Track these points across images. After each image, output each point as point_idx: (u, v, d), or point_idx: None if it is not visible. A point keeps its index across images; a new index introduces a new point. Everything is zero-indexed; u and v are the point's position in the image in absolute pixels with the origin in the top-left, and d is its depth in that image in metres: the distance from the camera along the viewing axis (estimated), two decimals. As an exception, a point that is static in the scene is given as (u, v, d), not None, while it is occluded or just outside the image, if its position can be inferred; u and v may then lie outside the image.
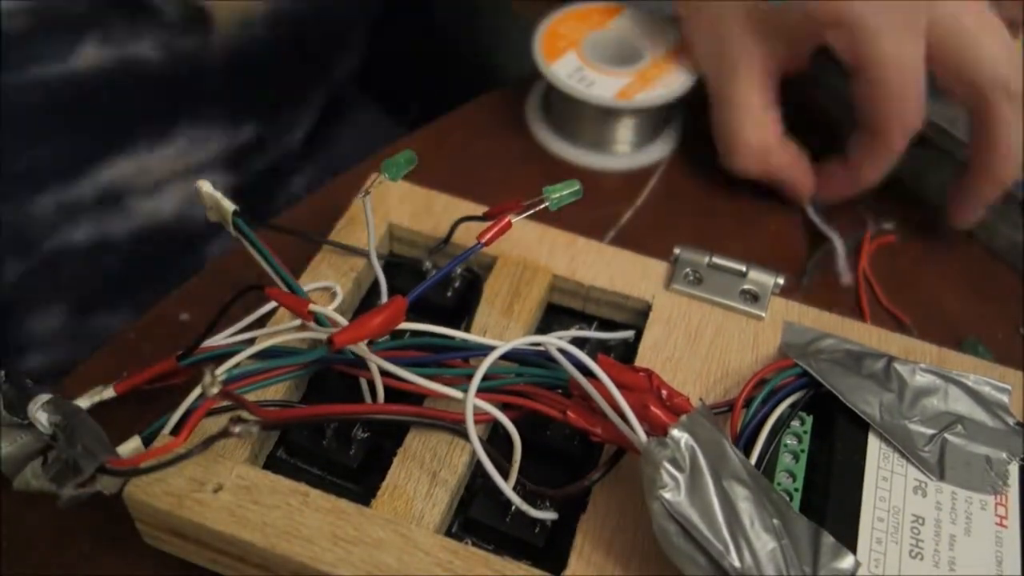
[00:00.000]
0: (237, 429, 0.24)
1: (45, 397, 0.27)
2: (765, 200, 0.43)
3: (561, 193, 0.30)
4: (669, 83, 0.43)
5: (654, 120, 0.45)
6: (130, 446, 0.27)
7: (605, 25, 0.45)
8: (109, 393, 0.30)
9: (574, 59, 0.43)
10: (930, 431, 0.28)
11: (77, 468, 0.25)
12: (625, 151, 0.45)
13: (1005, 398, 0.29)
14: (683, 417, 0.25)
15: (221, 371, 0.28)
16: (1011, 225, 0.41)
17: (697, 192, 0.44)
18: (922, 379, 0.29)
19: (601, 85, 0.42)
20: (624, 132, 0.44)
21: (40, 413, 0.27)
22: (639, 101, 0.42)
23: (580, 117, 0.44)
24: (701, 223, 0.42)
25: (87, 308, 0.50)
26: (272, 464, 0.29)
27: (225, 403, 0.28)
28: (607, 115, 0.43)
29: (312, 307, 0.29)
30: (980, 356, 0.33)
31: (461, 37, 0.70)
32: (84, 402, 0.29)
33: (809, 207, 0.43)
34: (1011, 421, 0.29)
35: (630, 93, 0.42)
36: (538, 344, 0.28)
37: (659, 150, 0.45)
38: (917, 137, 0.39)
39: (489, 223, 0.30)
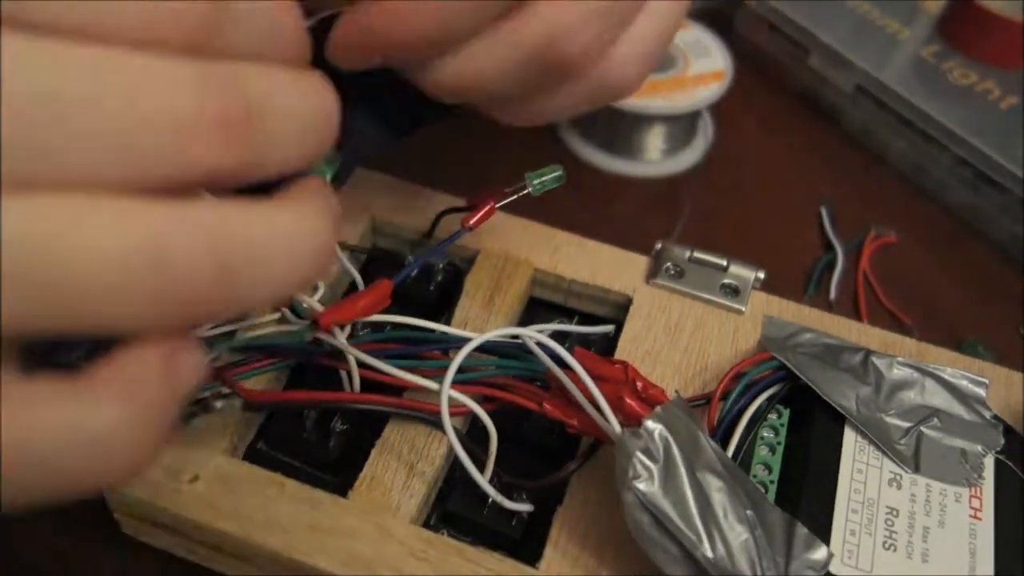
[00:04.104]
0: (219, 404, 0.25)
1: None
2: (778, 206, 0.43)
3: (543, 178, 0.30)
4: (697, 92, 0.43)
5: (684, 127, 0.45)
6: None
7: None
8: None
9: None
10: (906, 424, 0.28)
11: None
12: (655, 158, 0.45)
13: (982, 391, 0.29)
14: (657, 408, 0.26)
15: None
16: (1011, 218, 0.41)
17: (709, 200, 0.44)
18: (899, 372, 0.29)
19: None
20: (654, 139, 0.45)
21: None
22: (670, 107, 0.43)
23: (611, 123, 0.45)
24: (703, 229, 0.43)
25: None
26: (251, 455, 0.30)
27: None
28: (637, 121, 0.44)
29: (290, 294, 0.30)
30: (980, 356, 0.33)
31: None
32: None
33: (823, 210, 0.42)
34: (988, 415, 0.29)
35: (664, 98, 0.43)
36: (516, 337, 0.28)
37: (689, 158, 0.46)
38: (920, 134, 0.38)
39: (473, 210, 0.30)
